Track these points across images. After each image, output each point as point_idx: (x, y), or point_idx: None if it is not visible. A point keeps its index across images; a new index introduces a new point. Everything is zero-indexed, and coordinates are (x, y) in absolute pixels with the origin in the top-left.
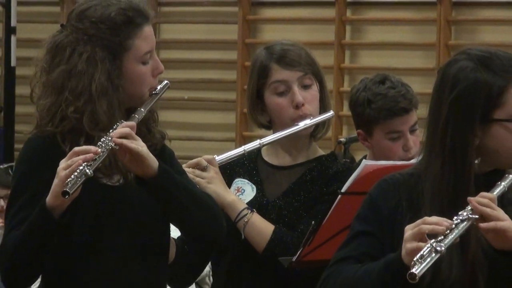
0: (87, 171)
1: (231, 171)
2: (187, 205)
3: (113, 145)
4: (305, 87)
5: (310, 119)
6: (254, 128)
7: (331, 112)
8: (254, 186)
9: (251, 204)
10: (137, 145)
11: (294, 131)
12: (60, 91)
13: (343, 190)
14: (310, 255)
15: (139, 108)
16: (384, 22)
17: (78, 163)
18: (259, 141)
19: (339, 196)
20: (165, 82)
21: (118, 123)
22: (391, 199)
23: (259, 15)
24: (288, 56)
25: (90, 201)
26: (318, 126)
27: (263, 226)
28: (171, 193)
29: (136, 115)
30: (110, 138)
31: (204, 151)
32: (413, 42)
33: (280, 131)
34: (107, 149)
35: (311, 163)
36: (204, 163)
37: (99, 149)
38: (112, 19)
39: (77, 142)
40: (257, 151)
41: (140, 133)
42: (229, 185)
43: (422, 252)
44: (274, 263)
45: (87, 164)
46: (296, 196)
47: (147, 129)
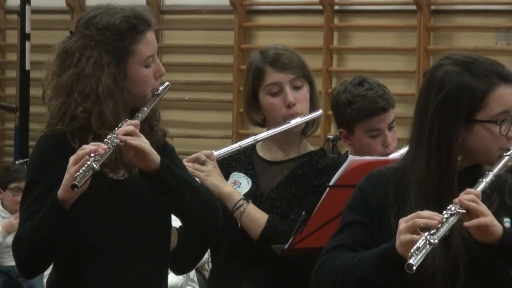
0: (94, 165)
1: (228, 165)
2: (186, 196)
3: (118, 141)
4: (296, 88)
5: (300, 117)
6: (250, 126)
7: (320, 111)
8: (249, 180)
9: (246, 196)
10: (140, 142)
11: (286, 128)
12: (70, 92)
13: (331, 183)
14: (301, 243)
15: (142, 108)
16: (368, 29)
17: (86, 159)
18: (253, 138)
19: (327, 189)
20: (166, 84)
21: (123, 122)
22: (379, 191)
23: (254, 22)
24: (281, 60)
25: (98, 194)
26: (308, 124)
27: (258, 215)
28: (171, 185)
29: (139, 114)
30: (115, 136)
31: (203, 148)
32: (395, 47)
33: (273, 129)
34: (113, 145)
35: (302, 158)
36: (203, 158)
37: (105, 146)
38: (117, 26)
39: (85, 140)
40: (252, 147)
41: (143, 130)
42: (226, 178)
43: (418, 244)
44: (268, 249)
45: (94, 159)
46: (288, 189)
47: (149, 127)
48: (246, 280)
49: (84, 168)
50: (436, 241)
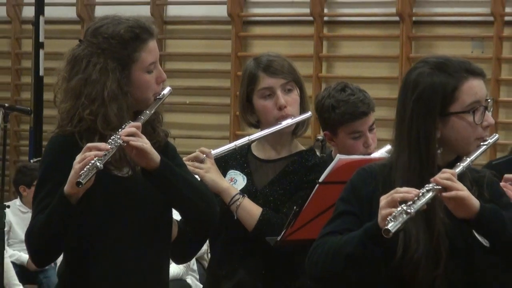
0: (98, 164)
1: (225, 164)
2: (185, 192)
3: (121, 142)
4: (287, 92)
5: (291, 118)
6: (246, 128)
7: (309, 113)
8: (245, 177)
9: (242, 192)
10: (142, 142)
11: (277, 129)
12: (78, 96)
13: (320, 180)
14: (293, 235)
15: (144, 111)
16: (355, 38)
17: (90, 158)
18: (248, 138)
19: (317, 185)
20: (168, 89)
21: (126, 124)
22: (369, 184)
23: (250, 32)
24: (272, 66)
25: (103, 190)
26: (298, 125)
27: (252, 209)
28: (171, 182)
29: (142, 117)
30: (119, 136)
31: None
32: (379, 55)
33: (266, 129)
34: (116, 145)
35: (293, 156)
36: (202, 156)
37: (108, 146)
38: (121, 35)
39: (92, 140)
40: (248, 147)
41: (145, 131)
42: (223, 175)
43: (394, 213)
44: (262, 240)
45: (98, 158)
46: (280, 185)
47: (152, 129)
48: (241, 268)
49: (88, 166)
50: (412, 211)
